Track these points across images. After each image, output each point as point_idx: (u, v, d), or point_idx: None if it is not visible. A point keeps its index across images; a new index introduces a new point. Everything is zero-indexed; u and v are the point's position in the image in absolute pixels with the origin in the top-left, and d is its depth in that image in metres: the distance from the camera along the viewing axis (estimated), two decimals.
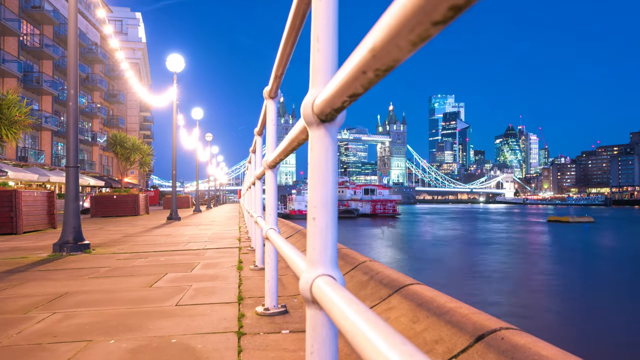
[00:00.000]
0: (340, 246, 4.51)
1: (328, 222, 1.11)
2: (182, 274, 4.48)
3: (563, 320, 10.32)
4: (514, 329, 1.74)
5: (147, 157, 28.42)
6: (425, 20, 0.54)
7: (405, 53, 0.66)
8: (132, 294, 3.63)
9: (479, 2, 0.49)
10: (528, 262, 21.88)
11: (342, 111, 1.05)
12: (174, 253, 6.29)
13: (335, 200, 1.15)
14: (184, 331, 2.55)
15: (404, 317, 2.25)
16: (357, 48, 0.76)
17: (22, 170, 28.10)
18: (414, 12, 0.54)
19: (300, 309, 3.05)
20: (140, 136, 63.23)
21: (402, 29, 0.58)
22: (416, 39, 0.59)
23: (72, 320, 2.84)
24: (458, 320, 1.92)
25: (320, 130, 1.10)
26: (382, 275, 2.96)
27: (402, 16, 0.57)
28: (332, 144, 1.12)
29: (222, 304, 3.21)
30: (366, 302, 2.74)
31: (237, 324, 2.67)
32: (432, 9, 0.52)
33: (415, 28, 0.57)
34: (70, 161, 6.89)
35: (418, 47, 0.65)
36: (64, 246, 6.50)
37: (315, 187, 1.12)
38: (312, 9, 1.08)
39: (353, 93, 0.93)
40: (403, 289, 2.55)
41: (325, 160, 1.11)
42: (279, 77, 2.43)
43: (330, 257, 1.11)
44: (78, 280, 4.29)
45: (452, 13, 0.51)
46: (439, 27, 0.55)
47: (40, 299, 3.47)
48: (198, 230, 10.96)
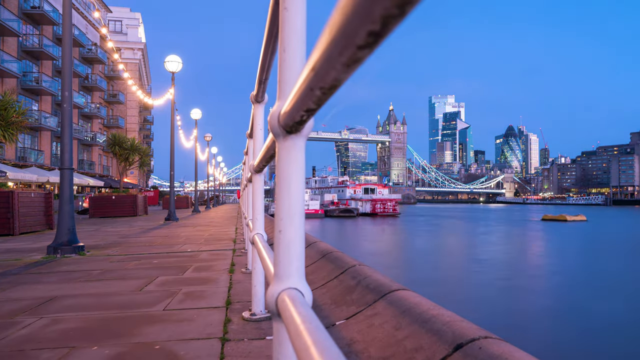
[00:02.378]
0: (332, 249, 4.50)
1: (294, 235, 1.10)
2: (174, 277, 4.47)
3: (549, 325, 10.33)
4: (493, 338, 1.73)
5: (145, 157, 28.41)
6: (351, 44, 0.54)
7: (342, 74, 0.66)
8: (122, 298, 3.62)
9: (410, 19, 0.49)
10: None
11: (304, 124, 1.05)
12: (168, 255, 6.28)
13: (302, 213, 1.13)
14: (168, 337, 2.54)
15: (387, 324, 2.24)
16: (304, 67, 0.75)
17: (22, 170, 28.09)
18: (340, 36, 0.53)
19: None
20: (140, 136, 63.25)
21: (333, 52, 0.58)
22: (348, 61, 0.59)
23: (58, 325, 2.83)
24: (439, 328, 1.91)
25: (287, 141, 1.09)
26: (369, 280, 2.95)
27: (332, 40, 0.57)
28: (299, 156, 1.11)
29: (209, 308, 3.20)
30: (352, 308, 2.73)
31: (222, 330, 2.66)
32: (354, 34, 0.51)
33: (344, 52, 0.57)
34: (65, 163, 6.88)
35: (353, 69, 0.65)
36: (58, 248, 6.50)
37: (282, 199, 1.11)
38: (280, 19, 1.07)
39: (307, 108, 0.92)
40: (389, 295, 2.55)
41: (292, 171, 1.09)
42: (263, 82, 2.42)
43: (297, 270, 1.10)
44: (69, 284, 4.28)
45: (372, 39, 0.51)
46: (366, 51, 0.55)
47: (29, 303, 3.46)
48: (195, 231, 10.95)
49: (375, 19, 0.46)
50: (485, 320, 10.45)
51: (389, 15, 0.45)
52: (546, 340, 9.12)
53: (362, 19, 0.47)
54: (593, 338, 9.45)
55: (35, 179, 28.12)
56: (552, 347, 8.66)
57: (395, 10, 0.44)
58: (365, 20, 0.47)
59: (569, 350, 8.69)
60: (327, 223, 51.44)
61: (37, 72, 35.81)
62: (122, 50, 58.91)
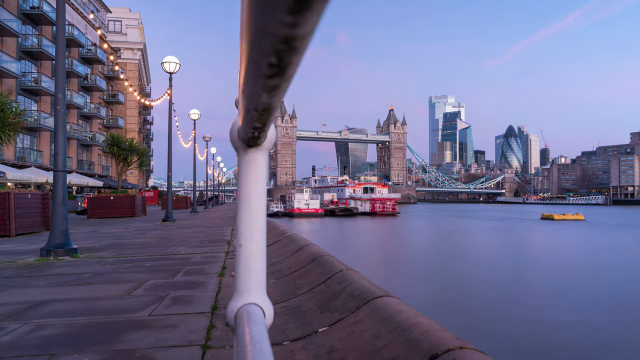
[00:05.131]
0: (322, 253, 4.50)
1: (254, 250, 1.09)
2: (163, 281, 4.46)
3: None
4: (468, 348, 1.72)
5: (144, 157, 28.40)
6: (260, 74, 0.53)
7: (267, 99, 0.65)
8: (109, 302, 3.61)
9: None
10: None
11: (258, 140, 1.04)
12: (161, 258, 6.28)
13: (262, 227, 1.12)
14: (150, 344, 2.53)
15: (367, 332, 2.24)
16: (238, 89, 0.75)
17: (20, 170, 28.10)
18: (250, 66, 0.53)
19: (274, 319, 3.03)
20: (139, 137, 63.25)
21: (249, 79, 0.57)
22: (265, 88, 0.59)
23: (42, 331, 2.82)
24: (416, 337, 1.90)
25: (247, 155, 1.07)
26: (354, 286, 2.94)
27: (246, 68, 0.57)
28: (259, 169, 1.09)
29: (195, 314, 3.19)
30: (335, 314, 2.72)
31: (205, 337, 2.65)
32: (258, 65, 0.51)
33: (257, 80, 0.56)
34: (58, 165, 6.87)
35: (275, 95, 0.64)
36: (51, 251, 6.49)
37: (242, 213, 1.09)
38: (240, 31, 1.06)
39: (254, 126, 0.92)
40: (372, 302, 2.54)
41: (252, 185, 1.08)
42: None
43: (257, 285, 1.08)
44: (58, 288, 4.27)
45: (275, 70, 0.51)
46: (277, 80, 0.55)
47: (16, 308, 3.45)
48: (191, 233, 10.94)
49: (269, 52, 0.45)
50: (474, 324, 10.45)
51: (278, 50, 0.44)
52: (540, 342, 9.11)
53: (258, 52, 0.46)
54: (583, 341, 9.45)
55: (34, 179, 28.13)
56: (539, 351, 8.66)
57: (282, 46, 0.43)
58: (260, 53, 0.46)
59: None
60: (327, 222, 51.48)
61: (36, 73, 35.82)
62: (121, 50, 58.96)
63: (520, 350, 8.78)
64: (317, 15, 0.37)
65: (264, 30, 0.40)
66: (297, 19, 0.37)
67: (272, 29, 0.38)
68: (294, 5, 0.35)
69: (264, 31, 0.40)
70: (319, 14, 0.37)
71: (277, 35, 0.39)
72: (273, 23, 0.37)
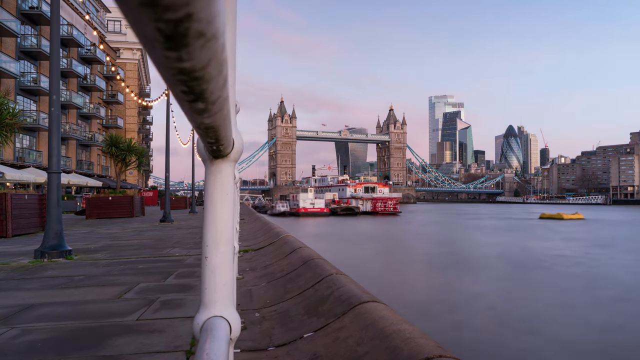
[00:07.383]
0: (314, 256, 4.49)
1: (220, 262, 1.07)
2: (155, 284, 4.45)
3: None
4: (447, 356, 1.71)
5: (142, 158, 28.41)
6: (182, 100, 0.52)
7: (203, 119, 0.65)
8: (98, 306, 3.60)
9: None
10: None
11: (222, 152, 1.02)
12: (155, 260, 6.27)
13: (228, 239, 1.11)
14: (135, 350, 2.52)
15: (351, 339, 2.23)
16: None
17: (19, 170, 28.10)
18: (171, 91, 0.52)
19: (259, 324, 3.03)
20: (139, 137, 63.27)
21: (180, 100, 0.56)
22: (193, 111, 0.58)
23: (28, 336, 2.82)
24: (397, 345, 1.90)
25: (213, 166, 1.06)
26: (342, 291, 2.93)
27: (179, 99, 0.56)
28: (226, 181, 1.08)
29: (183, 318, 3.18)
30: (322, 319, 2.71)
31: (190, 342, 2.65)
32: (175, 92, 0.50)
33: (184, 105, 0.56)
34: (52, 167, 6.87)
35: (211, 116, 0.63)
36: (45, 253, 6.48)
37: (208, 224, 1.08)
38: None
39: (208, 141, 0.91)
40: (358, 307, 2.53)
41: (218, 197, 1.07)
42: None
43: (223, 298, 1.07)
44: (49, 291, 4.26)
45: (191, 97, 0.50)
46: (201, 104, 0.54)
47: (4, 312, 3.44)
48: (187, 233, 10.93)
49: (175, 82, 0.44)
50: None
51: (183, 80, 0.43)
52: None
53: (168, 82, 0.45)
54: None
55: (33, 180, 28.11)
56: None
57: (183, 77, 0.42)
58: (169, 83, 0.45)
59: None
60: (333, 222, 51.64)
61: (35, 73, 35.83)
62: (121, 50, 58.94)
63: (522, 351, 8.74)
64: (203, 49, 0.36)
65: (158, 65, 0.39)
66: (179, 54, 0.36)
67: (163, 64, 0.38)
68: (167, 44, 0.34)
69: (160, 65, 0.39)
70: (205, 48, 0.36)
71: (171, 68, 0.39)
72: (160, 59, 0.37)
